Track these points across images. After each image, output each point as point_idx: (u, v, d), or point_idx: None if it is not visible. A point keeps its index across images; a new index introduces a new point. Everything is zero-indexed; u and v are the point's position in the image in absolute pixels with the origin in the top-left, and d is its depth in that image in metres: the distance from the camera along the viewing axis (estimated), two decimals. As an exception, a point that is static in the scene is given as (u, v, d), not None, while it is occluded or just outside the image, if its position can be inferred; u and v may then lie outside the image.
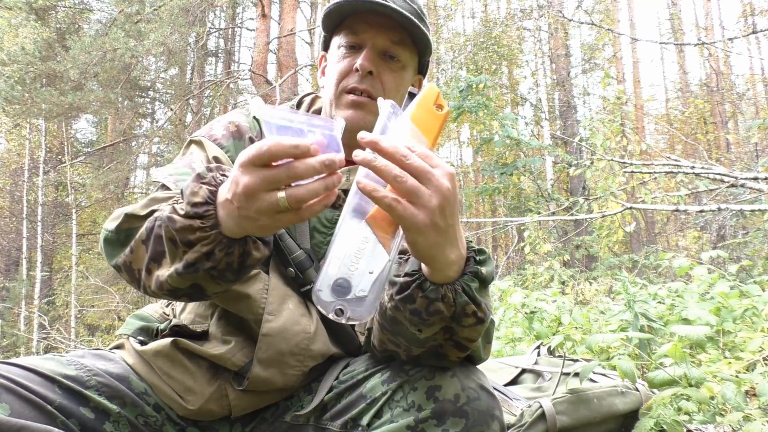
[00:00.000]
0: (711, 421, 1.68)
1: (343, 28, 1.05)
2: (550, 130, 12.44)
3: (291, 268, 0.99)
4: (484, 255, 0.80)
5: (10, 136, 15.73)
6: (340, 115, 1.02)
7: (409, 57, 1.06)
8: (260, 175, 0.65)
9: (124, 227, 0.85)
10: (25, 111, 10.97)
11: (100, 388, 0.92)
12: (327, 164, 0.64)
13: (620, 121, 7.40)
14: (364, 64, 1.01)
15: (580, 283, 6.15)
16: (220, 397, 0.97)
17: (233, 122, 1.07)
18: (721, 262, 3.99)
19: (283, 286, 0.99)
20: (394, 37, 1.03)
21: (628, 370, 1.68)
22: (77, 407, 0.87)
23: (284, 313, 0.97)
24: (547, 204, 9.06)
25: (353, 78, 1.03)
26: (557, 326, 3.12)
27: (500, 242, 16.32)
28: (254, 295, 0.96)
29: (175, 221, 0.74)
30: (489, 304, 0.82)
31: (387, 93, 1.03)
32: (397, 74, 1.04)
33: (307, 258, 1.00)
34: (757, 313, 2.34)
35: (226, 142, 1.04)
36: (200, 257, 0.74)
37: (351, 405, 0.90)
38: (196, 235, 0.73)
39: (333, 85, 1.05)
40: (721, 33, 15.72)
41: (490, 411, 0.81)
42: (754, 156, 8.39)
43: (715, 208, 3.94)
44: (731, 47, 11.83)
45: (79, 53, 9.65)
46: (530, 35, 14.88)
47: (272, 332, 0.95)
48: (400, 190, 0.64)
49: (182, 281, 0.77)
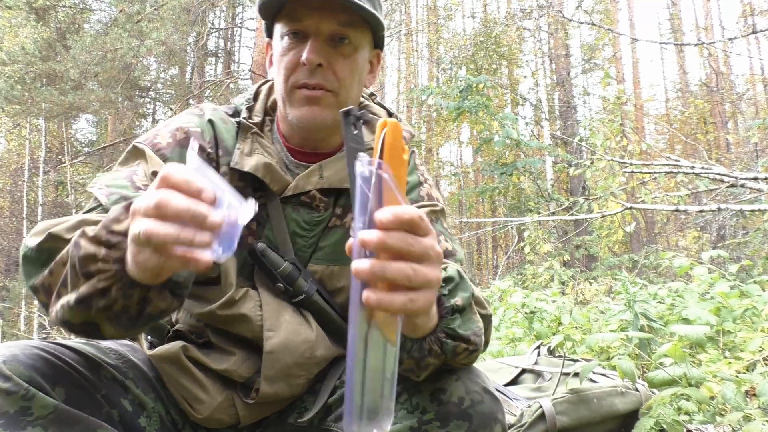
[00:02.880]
0: (711, 421, 1.68)
1: (283, 15, 0.94)
2: (550, 130, 12.44)
3: (279, 283, 0.96)
4: (451, 283, 0.77)
5: (10, 136, 15.73)
6: (295, 114, 0.95)
7: (361, 36, 0.96)
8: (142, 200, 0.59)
9: (46, 246, 0.76)
10: (25, 111, 10.97)
11: (136, 380, 0.92)
12: (193, 214, 0.55)
13: (620, 121, 7.40)
14: (310, 57, 0.91)
15: (580, 283, 6.15)
16: (228, 406, 0.96)
17: (181, 128, 0.97)
18: (721, 262, 3.99)
19: (275, 300, 0.97)
20: (341, 18, 0.92)
21: (628, 370, 1.68)
22: (119, 398, 0.87)
23: (283, 326, 0.95)
24: (547, 204, 9.06)
25: (302, 72, 0.93)
26: (557, 326, 3.12)
27: (500, 242, 16.32)
28: (249, 314, 0.94)
29: (80, 247, 0.67)
30: (477, 325, 0.80)
31: (342, 81, 0.95)
32: (350, 59, 0.95)
33: (294, 269, 0.97)
34: (757, 313, 2.34)
35: (170, 152, 0.94)
36: (95, 293, 0.67)
37: None
38: (97, 266, 0.66)
39: (282, 82, 0.96)
40: (721, 33, 15.72)
41: (493, 414, 0.81)
42: (754, 156, 8.39)
43: (715, 208, 3.94)
44: (731, 47, 11.83)
45: (79, 53, 9.65)
46: (530, 35, 14.88)
47: (276, 348, 0.94)
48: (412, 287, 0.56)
49: (74, 315, 0.70)
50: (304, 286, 0.97)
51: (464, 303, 0.77)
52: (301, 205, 0.99)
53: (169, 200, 0.56)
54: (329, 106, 0.95)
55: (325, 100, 0.94)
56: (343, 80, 0.95)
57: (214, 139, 0.99)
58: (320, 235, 1.00)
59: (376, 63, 1.06)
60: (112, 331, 0.73)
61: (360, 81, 0.99)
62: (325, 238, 1.01)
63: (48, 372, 0.77)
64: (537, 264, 7.69)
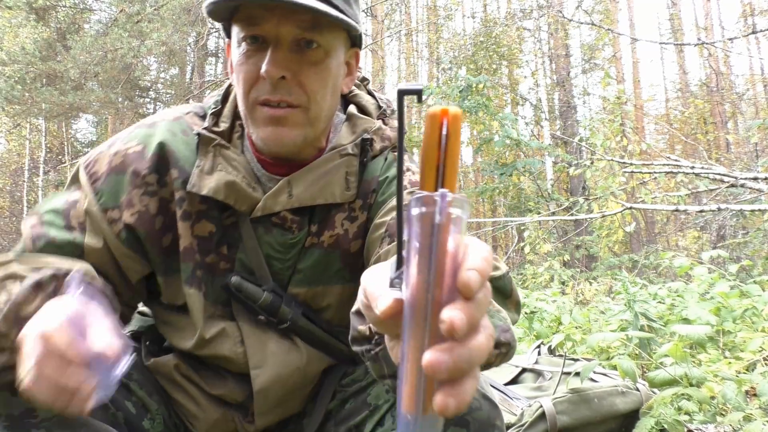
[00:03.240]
0: (711, 421, 1.68)
1: (239, 16, 0.81)
2: (550, 130, 12.45)
3: (261, 316, 0.90)
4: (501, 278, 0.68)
5: (11, 136, 15.73)
6: (259, 135, 0.83)
7: (332, 37, 0.82)
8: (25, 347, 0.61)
9: None
10: (25, 111, 10.97)
11: (140, 381, 0.91)
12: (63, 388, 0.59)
13: (620, 121, 7.40)
14: (269, 70, 0.78)
15: (580, 283, 6.15)
16: (225, 422, 0.94)
17: (119, 152, 0.88)
18: (721, 262, 3.99)
19: (257, 331, 0.91)
20: (305, 19, 0.78)
21: (628, 369, 1.68)
22: (123, 400, 0.86)
23: (270, 360, 0.90)
24: (547, 204, 9.06)
25: (263, 87, 0.80)
26: (557, 326, 3.12)
27: (500, 242, 16.32)
28: (230, 355, 0.90)
29: None
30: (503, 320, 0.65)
31: (311, 94, 0.82)
32: (320, 66, 0.81)
33: (275, 297, 0.90)
34: (757, 313, 2.34)
35: (102, 183, 0.87)
36: (2, 369, 0.67)
37: (354, 412, 0.89)
38: (7, 342, 0.66)
39: (242, 97, 0.83)
40: (721, 33, 15.73)
41: (491, 421, 0.80)
42: (754, 156, 8.39)
43: (715, 208, 3.94)
44: (731, 47, 11.84)
45: (79, 53, 9.66)
46: (530, 35, 14.89)
47: (265, 385, 0.90)
48: None
49: None
50: (288, 314, 0.90)
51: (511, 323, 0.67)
52: (273, 226, 0.89)
53: (45, 367, 0.59)
54: (297, 125, 0.82)
55: (292, 119, 0.82)
56: (312, 93, 0.81)
57: (162, 161, 0.88)
58: (297, 257, 0.91)
59: (355, 63, 0.92)
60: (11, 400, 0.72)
61: (335, 89, 0.86)
62: (303, 259, 0.92)
63: None
64: (537, 264, 7.69)
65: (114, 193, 0.86)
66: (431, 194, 0.38)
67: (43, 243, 0.83)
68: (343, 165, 0.90)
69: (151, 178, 0.88)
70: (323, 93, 0.83)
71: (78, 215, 0.86)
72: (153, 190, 0.88)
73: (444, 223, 0.37)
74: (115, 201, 0.86)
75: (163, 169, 0.88)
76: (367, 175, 0.93)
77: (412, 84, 0.39)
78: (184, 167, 0.88)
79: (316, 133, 0.87)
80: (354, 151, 0.91)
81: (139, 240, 0.88)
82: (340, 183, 0.89)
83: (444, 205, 0.37)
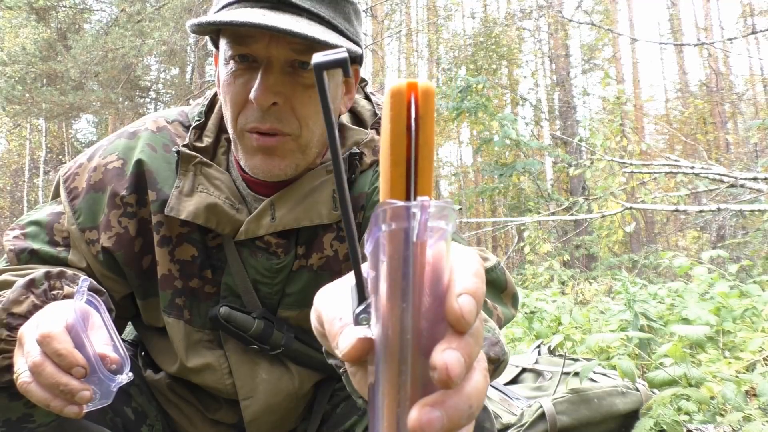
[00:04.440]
0: (711, 421, 1.69)
1: (226, 32, 0.75)
2: (550, 130, 12.45)
3: (253, 345, 0.86)
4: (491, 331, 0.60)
5: (11, 136, 15.73)
6: (248, 163, 0.79)
7: None
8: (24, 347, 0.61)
9: None
10: (25, 111, 10.98)
11: (140, 387, 0.91)
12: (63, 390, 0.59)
13: (620, 121, 7.41)
14: (259, 97, 0.72)
15: (580, 283, 6.15)
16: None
17: (99, 167, 0.86)
18: (720, 262, 3.99)
19: (247, 359, 0.87)
20: (300, 43, 0.71)
21: (628, 369, 1.68)
22: (122, 406, 0.86)
23: (260, 388, 0.87)
24: (547, 204, 9.07)
25: (252, 113, 0.74)
26: (557, 326, 3.12)
27: (500, 242, 16.32)
28: (218, 386, 0.87)
29: None
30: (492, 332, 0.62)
31: (304, 120, 0.76)
32: (314, 89, 0.73)
33: (267, 324, 0.85)
34: (757, 313, 2.34)
35: (80, 201, 0.85)
36: None
37: (345, 416, 0.89)
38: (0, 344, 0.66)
39: (230, 121, 0.78)
40: (721, 33, 15.73)
41: (481, 423, 0.78)
42: (754, 156, 8.40)
43: (714, 208, 3.95)
44: (731, 47, 11.84)
45: (80, 53, 9.66)
46: (530, 35, 14.89)
47: (256, 416, 0.87)
48: None
49: None
50: (282, 339, 0.85)
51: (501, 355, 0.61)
52: (258, 250, 0.85)
53: (43, 369, 0.58)
54: (288, 154, 0.77)
55: (283, 147, 0.77)
56: (305, 119, 0.75)
57: (140, 181, 0.85)
58: (285, 281, 0.87)
59: (354, 81, 0.86)
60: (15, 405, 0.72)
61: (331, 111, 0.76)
62: (292, 283, 0.87)
63: None
64: (537, 264, 7.69)
65: (92, 214, 0.84)
66: (404, 205, 0.28)
67: (27, 256, 0.81)
68: (330, 183, 0.83)
69: (131, 199, 0.85)
70: (317, 119, 0.76)
71: (61, 230, 0.85)
72: (132, 211, 0.85)
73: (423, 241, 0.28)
74: (93, 222, 0.84)
75: (142, 190, 0.85)
76: (354, 192, 0.86)
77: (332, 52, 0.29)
78: (163, 189, 0.84)
79: (308, 161, 0.82)
80: None
81: (117, 262, 0.85)
82: (327, 202, 0.82)
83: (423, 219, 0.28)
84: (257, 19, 0.66)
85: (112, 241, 0.84)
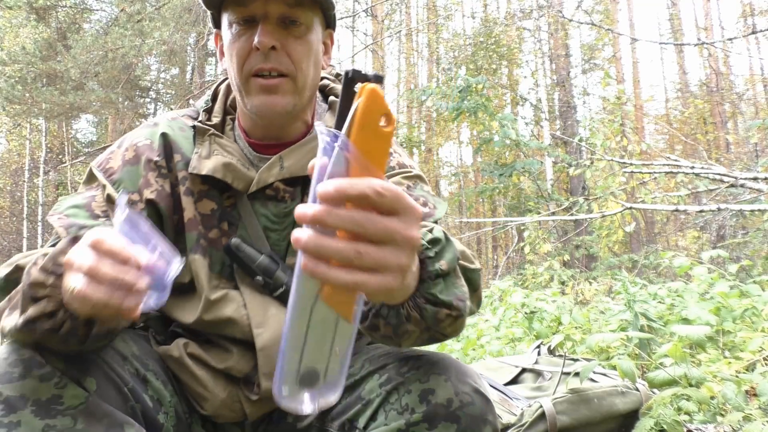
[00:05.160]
0: (711, 421, 1.69)
1: (229, 2, 0.92)
2: (550, 130, 12.44)
3: (258, 276, 0.95)
4: (438, 245, 0.71)
5: (11, 136, 15.74)
6: (253, 103, 0.94)
7: (311, 16, 0.94)
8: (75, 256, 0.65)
9: (12, 277, 0.82)
10: (25, 111, 10.98)
11: (156, 372, 0.92)
12: (121, 284, 0.62)
13: (620, 121, 7.41)
14: (262, 40, 0.89)
15: (580, 283, 6.15)
16: (232, 402, 0.96)
17: (131, 146, 1.00)
18: (720, 262, 3.99)
19: (258, 296, 0.96)
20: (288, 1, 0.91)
21: (628, 369, 1.68)
22: (141, 393, 0.87)
23: (271, 321, 0.94)
24: (547, 204, 9.06)
25: (255, 58, 0.91)
26: (557, 326, 3.12)
27: (500, 242, 16.32)
28: (234, 316, 0.94)
29: (30, 275, 0.71)
30: (461, 290, 0.75)
31: (298, 64, 0.93)
32: (303, 39, 0.93)
33: (271, 261, 0.96)
34: (757, 313, 2.34)
35: (119, 173, 0.97)
36: (41, 316, 0.70)
37: (349, 406, 0.90)
38: (45, 291, 0.70)
39: (236, 71, 0.93)
40: (721, 33, 15.72)
41: (483, 416, 0.80)
42: (754, 156, 8.39)
43: (714, 208, 3.95)
44: (731, 47, 11.84)
45: (80, 53, 9.66)
46: (530, 35, 14.88)
47: (267, 344, 0.93)
48: (361, 268, 0.49)
49: (22, 336, 0.74)
50: (284, 278, 0.95)
51: (449, 267, 0.71)
52: (267, 200, 0.98)
53: (99, 268, 0.62)
54: (287, 93, 0.93)
55: (283, 87, 0.93)
56: (298, 62, 0.92)
57: (167, 148, 0.99)
58: (292, 227, 0.98)
59: (330, 43, 1.04)
60: (64, 349, 0.75)
61: (317, 62, 0.97)
62: None
63: (80, 362, 0.78)
64: (537, 264, 7.69)
65: (132, 181, 0.96)
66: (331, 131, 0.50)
67: (76, 229, 0.87)
68: None
69: (162, 162, 0.99)
70: (307, 63, 0.94)
71: (99, 205, 0.93)
72: (164, 173, 0.99)
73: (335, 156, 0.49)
74: (133, 187, 0.96)
75: (169, 156, 0.99)
76: None
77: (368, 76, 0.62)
78: (186, 153, 0.99)
79: (302, 103, 0.98)
80: None
81: (159, 216, 0.97)
82: None
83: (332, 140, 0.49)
84: None
85: (155, 195, 0.96)
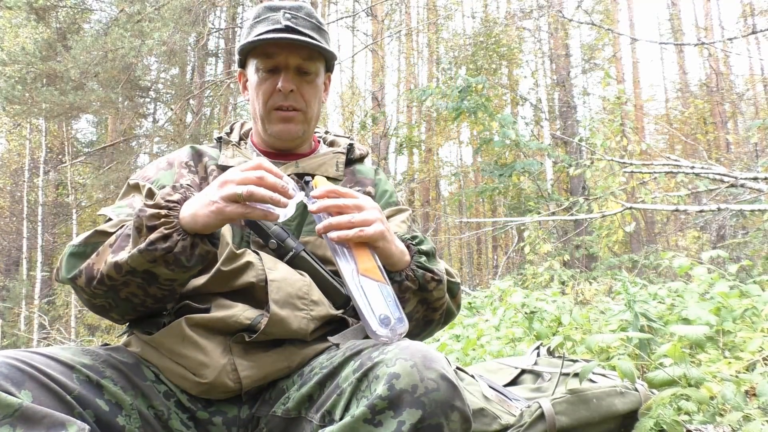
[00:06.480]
0: (711, 421, 1.68)
1: (257, 53, 1.23)
2: (550, 130, 12.44)
3: (272, 240, 1.13)
4: (417, 238, 1.13)
5: (11, 136, 15.74)
6: (273, 130, 1.25)
7: (318, 65, 1.26)
8: (240, 174, 0.93)
9: (92, 241, 1.03)
10: (25, 111, 10.98)
11: (114, 378, 0.95)
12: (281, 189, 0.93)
13: (620, 121, 7.41)
14: (285, 86, 1.21)
15: (580, 283, 6.15)
16: (231, 371, 1.01)
17: (164, 159, 1.27)
18: (721, 262, 3.98)
19: (271, 257, 1.13)
20: (303, 53, 1.22)
21: (627, 370, 1.68)
22: (93, 398, 0.89)
23: (280, 267, 1.11)
24: (547, 204, 9.06)
25: (278, 97, 1.23)
26: (557, 326, 3.12)
27: (500, 242, 16.32)
28: (252, 260, 1.10)
29: (146, 210, 0.94)
30: (440, 268, 1.14)
31: (308, 102, 1.25)
32: (312, 84, 1.25)
33: (281, 230, 1.14)
34: (757, 313, 2.34)
35: (156, 175, 1.22)
36: (160, 238, 0.92)
37: (328, 396, 0.91)
38: (161, 220, 0.93)
39: (261, 105, 1.24)
40: (721, 33, 15.71)
41: (449, 402, 0.80)
42: (754, 156, 8.38)
43: (714, 208, 3.95)
44: (731, 47, 11.83)
45: (79, 53, 9.66)
46: (530, 35, 14.87)
47: (277, 278, 1.08)
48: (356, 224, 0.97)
49: (140, 261, 0.93)
50: (293, 244, 1.14)
51: (428, 249, 1.12)
52: None
53: (266, 176, 0.93)
54: (299, 122, 1.27)
55: (297, 118, 1.26)
56: (309, 101, 1.26)
57: (197, 154, 1.28)
58: (303, 213, 1.21)
59: (328, 83, 1.37)
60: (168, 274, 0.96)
61: (319, 99, 1.29)
62: (308, 215, 1.20)
63: (13, 376, 0.81)
64: (537, 264, 7.68)
65: (167, 180, 1.20)
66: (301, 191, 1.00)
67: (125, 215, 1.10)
68: (335, 157, 1.33)
69: (192, 163, 1.25)
70: (315, 101, 1.28)
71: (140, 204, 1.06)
72: (194, 170, 1.24)
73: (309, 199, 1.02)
74: (169, 183, 1.18)
75: (199, 159, 1.27)
76: (361, 173, 1.36)
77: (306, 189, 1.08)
78: (213, 156, 1.28)
79: (309, 130, 1.31)
80: (342, 150, 1.35)
81: None
82: (333, 165, 1.32)
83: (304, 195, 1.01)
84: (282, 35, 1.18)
85: (188, 182, 1.19)
